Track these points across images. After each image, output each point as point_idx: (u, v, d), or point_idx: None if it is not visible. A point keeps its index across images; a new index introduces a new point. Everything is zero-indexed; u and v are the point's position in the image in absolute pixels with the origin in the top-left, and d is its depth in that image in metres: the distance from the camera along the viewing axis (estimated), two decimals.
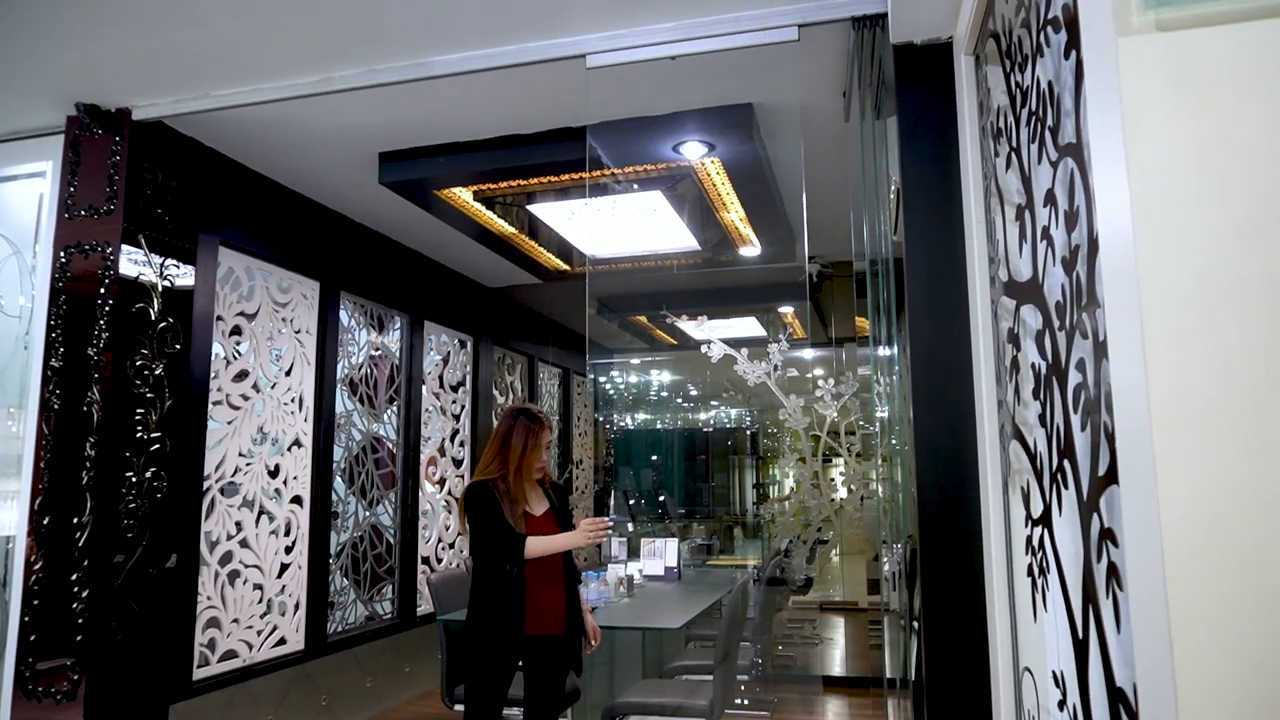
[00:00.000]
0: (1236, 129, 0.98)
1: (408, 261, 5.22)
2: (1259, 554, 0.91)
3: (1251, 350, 0.94)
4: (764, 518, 5.55)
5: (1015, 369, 1.92)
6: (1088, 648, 1.34)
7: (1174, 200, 1.00)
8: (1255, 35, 0.98)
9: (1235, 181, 0.98)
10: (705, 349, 5.71)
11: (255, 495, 3.96)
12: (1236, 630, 0.90)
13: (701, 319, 6.02)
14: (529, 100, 3.26)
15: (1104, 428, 1.22)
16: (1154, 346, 0.98)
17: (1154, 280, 0.99)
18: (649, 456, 9.05)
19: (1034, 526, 1.77)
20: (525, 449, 2.99)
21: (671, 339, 7.25)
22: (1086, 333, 1.31)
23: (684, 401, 9.85)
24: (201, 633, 3.60)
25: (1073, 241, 1.39)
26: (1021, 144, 1.75)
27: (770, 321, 6.87)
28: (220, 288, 3.78)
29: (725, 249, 4.88)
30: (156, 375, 3.33)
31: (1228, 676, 0.91)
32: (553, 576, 3.00)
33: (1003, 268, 2.06)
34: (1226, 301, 0.96)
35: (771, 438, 8.47)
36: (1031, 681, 1.83)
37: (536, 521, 3.00)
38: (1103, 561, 1.23)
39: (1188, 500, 0.94)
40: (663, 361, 8.79)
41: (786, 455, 5.63)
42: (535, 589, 2.93)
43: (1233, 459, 0.93)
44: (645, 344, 7.64)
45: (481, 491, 2.95)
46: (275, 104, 3.18)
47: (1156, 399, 0.97)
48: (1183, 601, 0.93)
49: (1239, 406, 0.93)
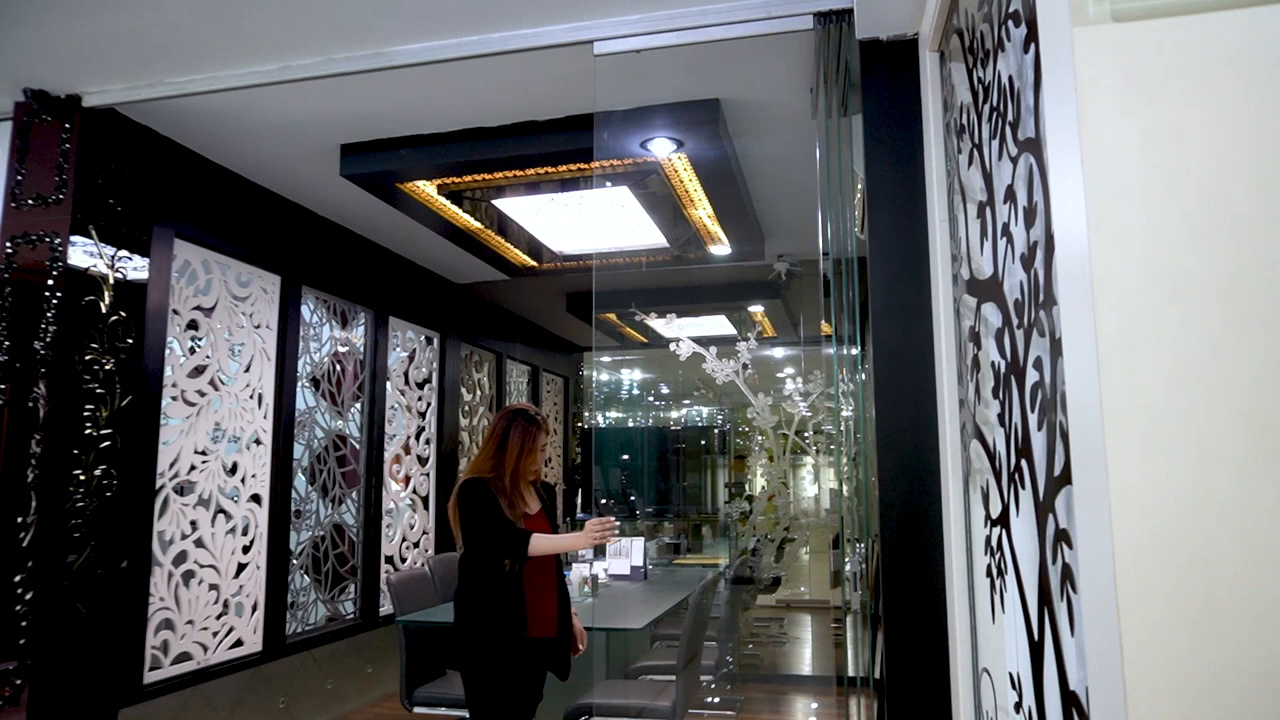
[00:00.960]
0: (1187, 122, 0.96)
1: (372, 256, 5.13)
2: (1208, 556, 0.89)
3: (1201, 348, 0.92)
4: (732, 516, 5.54)
5: (976, 367, 1.91)
6: (1043, 650, 1.32)
7: (1126, 195, 0.98)
8: (1207, 27, 0.96)
9: (1185, 175, 0.96)
10: (674, 347, 5.69)
11: (212, 493, 3.87)
12: (1187, 632, 0.89)
13: (671, 317, 6.01)
14: (493, 93, 3.20)
15: (1059, 427, 1.20)
16: (1106, 345, 0.96)
17: (1106, 277, 0.97)
18: (620, 455, 9.02)
19: (993, 526, 1.76)
20: (522, 451, 2.94)
21: (642, 337, 7.22)
22: (1044, 331, 1.29)
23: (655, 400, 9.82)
24: (154, 635, 3.51)
25: (1031, 238, 1.37)
26: (983, 140, 1.74)
27: (740, 320, 6.87)
28: (176, 281, 3.69)
29: (694, 247, 4.85)
30: (107, 370, 3.24)
31: (1178, 680, 0.89)
32: (547, 578, 2.95)
33: (965, 265, 2.05)
34: (1176, 298, 0.94)
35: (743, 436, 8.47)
36: (990, 683, 1.82)
37: (531, 521, 2.95)
38: (1058, 563, 1.22)
39: (1139, 501, 0.92)
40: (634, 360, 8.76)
41: (756, 453, 5.63)
42: (531, 590, 2.88)
43: (1183, 460, 0.91)
44: (616, 342, 7.61)
45: (478, 488, 2.87)
46: (232, 93, 3.10)
47: (1109, 398, 0.95)
48: (1132, 604, 0.91)
49: (1189, 406, 0.92)
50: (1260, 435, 0.89)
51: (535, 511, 3.01)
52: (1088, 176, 1.00)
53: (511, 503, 2.89)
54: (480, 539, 2.85)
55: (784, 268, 5.40)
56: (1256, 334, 0.91)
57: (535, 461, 2.97)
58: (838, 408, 2.61)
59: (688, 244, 4.79)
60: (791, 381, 5.54)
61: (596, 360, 8.72)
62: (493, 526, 2.82)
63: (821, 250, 2.67)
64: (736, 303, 6.26)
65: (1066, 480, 1.16)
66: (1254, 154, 0.94)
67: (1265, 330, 0.91)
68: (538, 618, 2.88)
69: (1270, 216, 0.92)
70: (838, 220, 2.72)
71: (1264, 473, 0.88)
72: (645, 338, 7.17)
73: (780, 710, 4.95)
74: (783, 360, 7.47)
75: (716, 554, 6.65)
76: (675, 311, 5.87)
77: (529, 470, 2.96)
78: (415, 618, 3.75)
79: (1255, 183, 0.93)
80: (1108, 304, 0.97)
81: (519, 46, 2.75)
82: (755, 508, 5.56)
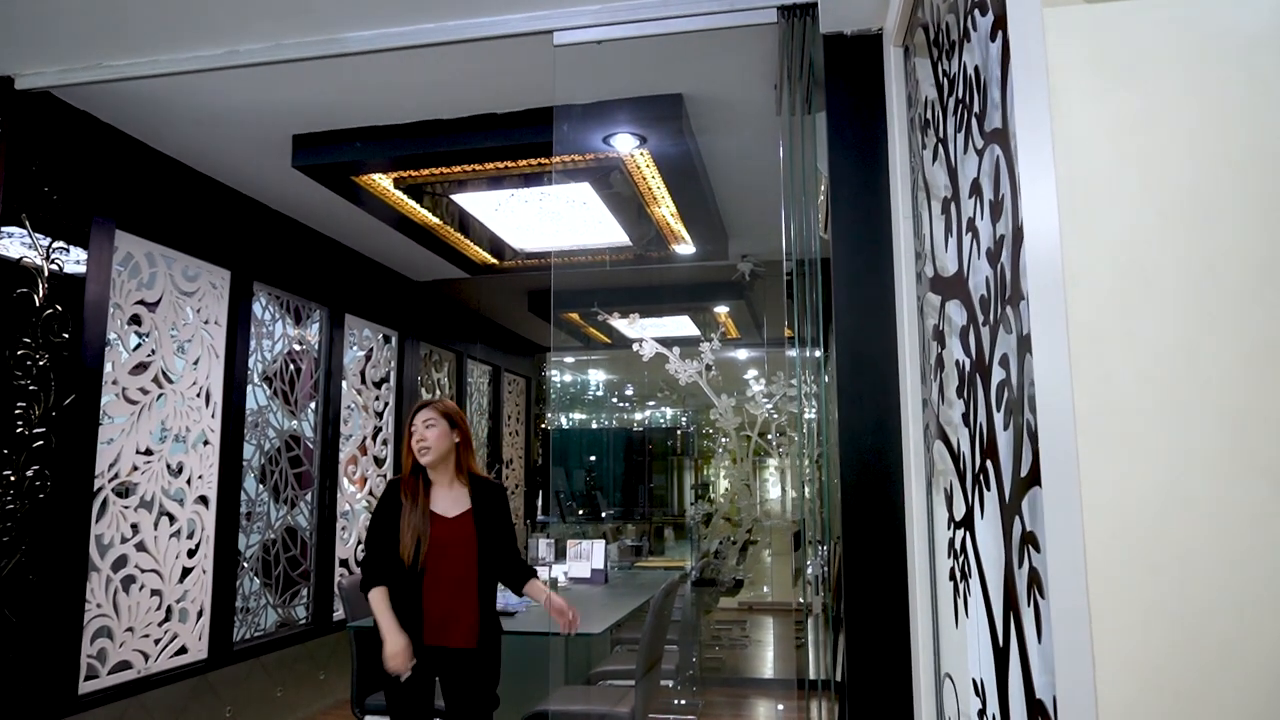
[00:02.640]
0: (1160, 108, 0.93)
1: (327, 251, 5.00)
2: (1183, 557, 0.85)
3: (1175, 343, 0.89)
4: (695, 518, 5.49)
5: (940, 367, 1.88)
6: (1008, 656, 1.28)
7: (1098, 185, 0.94)
8: (1182, 9, 0.93)
9: (1158, 163, 0.92)
10: (637, 347, 5.63)
11: (155, 495, 3.72)
12: (1161, 637, 0.84)
13: (634, 317, 5.94)
14: (451, 84, 3.12)
15: (1026, 426, 1.16)
16: (1078, 340, 0.92)
17: (1078, 270, 0.93)
18: (583, 457, 8.94)
19: (956, 529, 1.72)
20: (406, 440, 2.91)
21: (605, 337, 7.15)
22: (1010, 327, 1.26)
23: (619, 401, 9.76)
24: (90, 643, 3.36)
25: (998, 232, 1.33)
26: (948, 135, 1.70)
27: (703, 321, 6.83)
28: (118, 274, 3.54)
29: (657, 246, 4.80)
30: (41, 366, 3.09)
31: (1151, 687, 0.85)
32: (457, 585, 2.78)
33: (929, 263, 2.02)
34: (1149, 291, 0.90)
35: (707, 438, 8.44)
36: (953, 688, 1.78)
37: (447, 525, 2.82)
38: (1024, 567, 1.18)
39: (1111, 502, 0.88)
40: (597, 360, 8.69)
41: (720, 455, 5.59)
42: (435, 596, 2.76)
43: (1157, 458, 0.87)
44: (579, 342, 7.53)
45: (388, 488, 2.92)
46: (177, 78, 2.98)
47: (1080, 395, 0.91)
48: (1104, 608, 0.87)
49: (1163, 403, 0.88)
50: (1235, 432, 0.85)
51: (457, 514, 2.84)
52: (1059, 164, 0.96)
53: (415, 503, 2.81)
54: (366, 547, 2.91)
55: (747, 268, 5.37)
56: (1231, 328, 0.87)
57: (412, 445, 2.85)
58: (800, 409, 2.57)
59: (651, 243, 4.74)
60: (755, 383, 5.51)
61: (559, 361, 8.64)
62: (373, 544, 2.85)
63: (785, 250, 2.63)
64: (700, 303, 6.22)
65: (1034, 481, 1.12)
66: (1228, 140, 0.90)
67: (1240, 324, 0.87)
68: (442, 626, 2.75)
69: (1244, 205, 0.89)
70: (801, 219, 2.68)
71: (1239, 470, 0.84)
72: (609, 338, 7.11)
73: (742, 713, 4.91)
74: (746, 362, 7.46)
75: (679, 556, 6.60)
76: (638, 312, 5.81)
77: (420, 459, 2.84)
78: (367, 623, 3.64)
79: (1229, 171, 0.90)
80: (1079, 298, 0.93)
81: (476, 35, 2.67)
82: (718, 510, 5.53)
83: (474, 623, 2.79)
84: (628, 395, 9.45)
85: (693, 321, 6.81)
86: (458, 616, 2.77)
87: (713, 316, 6.85)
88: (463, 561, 2.79)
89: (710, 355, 5.40)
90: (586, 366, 8.66)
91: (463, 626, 2.78)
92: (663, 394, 8.41)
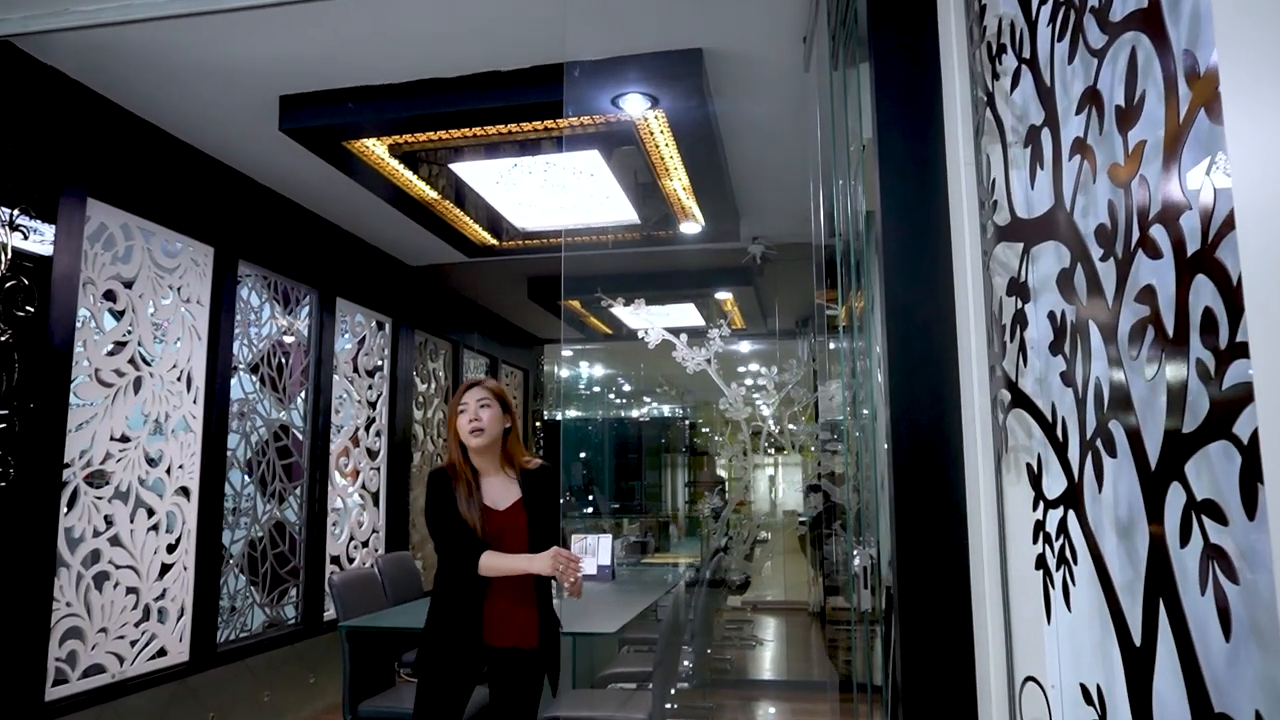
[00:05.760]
0: None
1: (318, 231, 4.74)
2: None
3: None
4: (703, 513, 5.25)
5: (1020, 324, 1.65)
6: (1152, 658, 1.05)
7: None
8: None
9: None
10: (643, 334, 5.38)
11: (131, 486, 3.46)
12: None
13: (639, 303, 5.69)
14: (453, 37, 2.87)
15: (1196, 368, 0.93)
16: None
17: None
18: (578, 452, 8.69)
19: (1048, 510, 1.49)
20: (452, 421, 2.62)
21: (606, 328, 6.91)
22: (1159, 250, 1.02)
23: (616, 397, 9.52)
24: (59, 645, 3.10)
25: (1130, 142, 1.10)
26: (1039, 51, 1.47)
27: (709, 309, 6.60)
28: (90, 246, 3.28)
29: (666, 224, 4.56)
30: (3, 343, 2.83)
31: None
32: (515, 581, 2.54)
33: (1001, 211, 1.79)
34: None
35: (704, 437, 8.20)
36: (1040, 693, 1.54)
37: (500, 516, 2.57)
38: (1191, 544, 0.94)
39: None
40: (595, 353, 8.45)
41: (728, 448, 5.35)
42: (493, 595, 2.52)
43: None
44: (579, 332, 7.29)
45: (437, 479, 2.59)
46: (154, 27, 2.72)
47: None
48: None
49: None
50: None
51: (508, 505, 2.60)
52: None
53: (470, 492, 2.55)
54: (438, 543, 2.56)
55: (759, 250, 5.13)
56: None
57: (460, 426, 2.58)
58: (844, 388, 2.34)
59: (660, 221, 4.50)
60: (766, 370, 5.27)
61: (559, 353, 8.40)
62: (447, 532, 2.53)
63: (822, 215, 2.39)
64: (707, 288, 5.98)
65: (1210, 437, 0.88)
66: None
67: None
68: (504, 625, 2.53)
69: None
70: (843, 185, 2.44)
71: None
72: (610, 328, 6.87)
73: (755, 716, 4.68)
74: (749, 354, 7.22)
75: (683, 553, 6.36)
76: (644, 298, 5.57)
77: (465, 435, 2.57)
78: (360, 622, 3.39)
79: None
80: None
81: None
82: (727, 504, 5.28)
83: (535, 621, 2.55)
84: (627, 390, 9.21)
85: (698, 310, 6.58)
86: (518, 615, 2.54)
87: (718, 304, 6.62)
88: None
89: (720, 343, 5.16)
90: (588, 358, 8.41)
91: (523, 625, 2.54)
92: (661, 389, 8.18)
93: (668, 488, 8.55)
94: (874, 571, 2.21)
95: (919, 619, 1.95)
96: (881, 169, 2.16)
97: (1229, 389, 0.84)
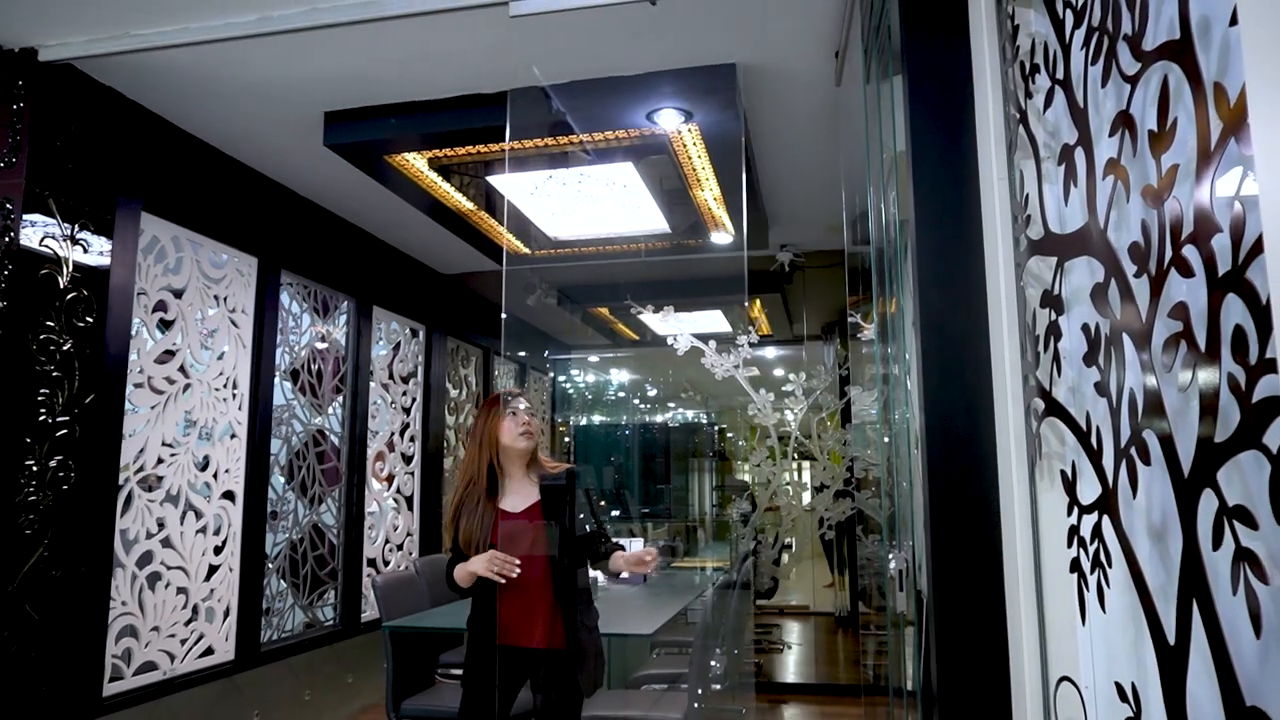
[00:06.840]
0: None
1: (356, 241, 4.86)
2: None
3: None
4: (732, 517, 5.30)
5: (1054, 336, 1.70)
6: (1185, 656, 1.10)
7: None
8: None
9: None
10: (672, 340, 5.45)
11: (181, 489, 3.58)
12: None
13: (667, 310, 5.76)
14: (493, 53, 2.96)
15: (1227, 380, 0.98)
16: None
17: None
18: (606, 457, 8.76)
19: (1083, 515, 1.54)
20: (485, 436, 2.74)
21: (634, 334, 6.98)
22: (1191, 270, 1.08)
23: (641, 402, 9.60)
24: (115, 643, 3.21)
25: (1163, 166, 1.16)
26: (1073, 73, 1.52)
27: (735, 316, 6.64)
28: (144, 258, 3.41)
29: (696, 233, 4.63)
30: (65, 351, 2.95)
31: None
32: (530, 582, 2.62)
33: (1034, 225, 1.84)
34: None
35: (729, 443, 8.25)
36: (1076, 693, 1.59)
37: (516, 518, 2.68)
38: (1223, 548, 1.00)
39: None
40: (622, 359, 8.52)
41: (756, 452, 5.39)
42: (507, 594, 2.60)
43: None
44: (607, 339, 7.37)
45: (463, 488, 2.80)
46: (206, 49, 2.84)
47: None
48: None
49: None
50: None
51: (525, 507, 2.69)
52: None
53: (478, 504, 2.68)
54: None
55: (787, 258, 5.19)
56: None
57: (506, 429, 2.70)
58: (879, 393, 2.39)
59: (690, 229, 4.57)
60: (794, 376, 5.32)
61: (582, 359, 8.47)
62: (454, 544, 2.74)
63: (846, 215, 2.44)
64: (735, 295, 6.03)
65: (1243, 445, 0.94)
66: None
67: None
68: (520, 625, 2.61)
69: None
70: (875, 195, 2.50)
71: None
72: (637, 334, 6.94)
73: None
74: (774, 360, 7.27)
75: (714, 557, 6.41)
76: (672, 305, 5.63)
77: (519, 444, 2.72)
78: (402, 623, 3.48)
79: None
80: None
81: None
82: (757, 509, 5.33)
83: (559, 622, 2.62)
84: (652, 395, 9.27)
85: (725, 317, 6.63)
86: (536, 615, 2.61)
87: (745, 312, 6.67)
88: (534, 556, 2.65)
89: (749, 349, 5.21)
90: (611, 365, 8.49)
91: (543, 625, 2.62)
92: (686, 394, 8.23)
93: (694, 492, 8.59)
94: (908, 575, 2.26)
95: (954, 621, 2.00)
96: (915, 181, 2.21)
97: (1259, 401, 0.89)
